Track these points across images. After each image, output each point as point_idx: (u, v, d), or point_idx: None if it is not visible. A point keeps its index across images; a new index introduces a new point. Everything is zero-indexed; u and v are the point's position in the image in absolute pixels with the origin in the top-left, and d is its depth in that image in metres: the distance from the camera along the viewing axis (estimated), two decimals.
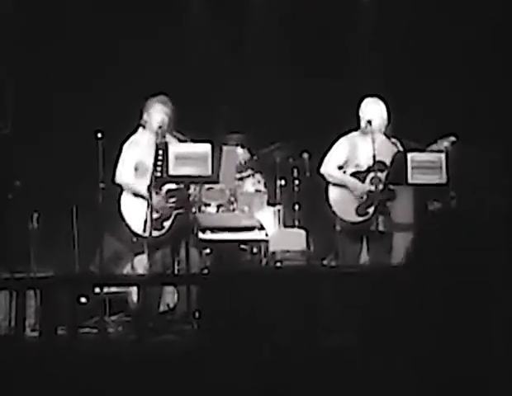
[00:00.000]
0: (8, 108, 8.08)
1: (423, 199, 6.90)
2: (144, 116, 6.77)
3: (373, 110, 6.82)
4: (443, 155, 6.45)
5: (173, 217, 6.69)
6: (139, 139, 6.81)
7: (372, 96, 6.89)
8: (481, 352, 4.79)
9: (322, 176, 6.90)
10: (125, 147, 6.80)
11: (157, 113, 6.72)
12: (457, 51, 8.49)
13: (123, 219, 6.69)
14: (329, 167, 6.87)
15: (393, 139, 6.83)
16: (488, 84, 8.30)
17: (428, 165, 6.38)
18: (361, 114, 6.85)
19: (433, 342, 4.89)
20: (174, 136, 6.74)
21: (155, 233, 6.54)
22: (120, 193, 6.79)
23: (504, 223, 6.00)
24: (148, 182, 6.56)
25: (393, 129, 6.85)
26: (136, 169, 6.73)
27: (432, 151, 6.61)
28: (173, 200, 6.71)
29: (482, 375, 4.61)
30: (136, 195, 6.68)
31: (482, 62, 8.37)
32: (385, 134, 6.81)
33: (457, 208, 7.03)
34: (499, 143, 7.45)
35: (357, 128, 6.90)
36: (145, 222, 6.48)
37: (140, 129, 6.82)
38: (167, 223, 6.68)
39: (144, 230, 6.47)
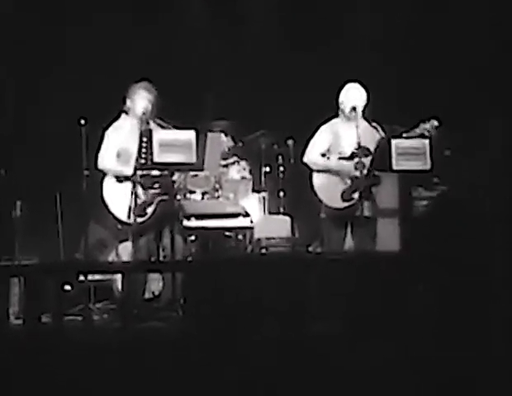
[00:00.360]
0: None
1: (407, 185, 6.85)
2: (128, 103, 6.77)
3: (357, 96, 6.80)
4: (426, 141, 6.44)
5: (155, 203, 6.68)
6: (123, 125, 6.80)
7: (353, 81, 6.88)
8: (467, 338, 5.05)
9: (306, 164, 6.87)
10: (108, 133, 6.78)
11: (141, 99, 6.72)
12: (440, 36, 8.47)
13: (105, 205, 6.68)
14: (312, 155, 6.85)
15: (374, 123, 6.81)
16: (469, 68, 8.31)
17: (412, 151, 6.36)
18: (344, 100, 6.83)
19: (418, 329, 5.18)
20: (157, 123, 6.72)
21: (138, 220, 6.55)
22: (103, 178, 6.76)
23: (494, 212, 6.34)
24: (131, 168, 6.55)
25: (373, 113, 6.83)
26: (119, 155, 6.72)
27: (414, 136, 6.58)
28: (156, 186, 6.69)
29: (468, 358, 4.79)
30: (119, 180, 6.67)
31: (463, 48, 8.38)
32: (365, 119, 6.80)
33: (443, 195, 7.22)
34: (484, 127, 7.49)
35: (337, 114, 6.89)
36: (129, 208, 6.49)
37: (123, 115, 6.81)
38: (150, 210, 6.66)
39: (129, 216, 6.48)
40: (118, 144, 6.72)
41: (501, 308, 5.29)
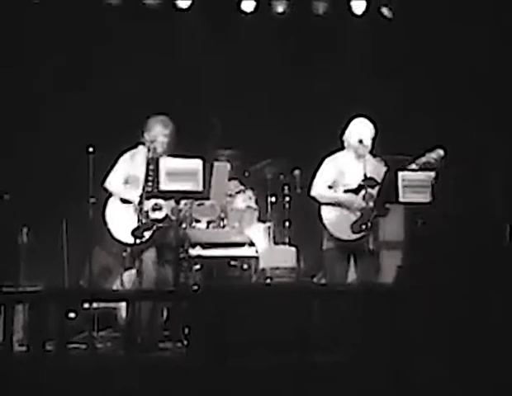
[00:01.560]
0: None
1: (412, 217, 6.86)
2: (146, 136, 6.81)
3: (365, 130, 6.83)
4: (433, 174, 6.44)
5: (153, 229, 6.66)
6: (137, 156, 6.86)
7: (360, 116, 6.88)
8: (473, 365, 5.13)
9: (314, 198, 6.83)
10: (122, 159, 6.86)
11: (158, 135, 6.77)
12: (443, 65, 8.55)
13: (105, 224, 6.68)
14: (319, 188, 6.83)
15: (377, 158, 6.85)
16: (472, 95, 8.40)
17: (418, 184, 6.37)
18: (351, 134, 6.84)
19: (419, 359, 5.21)
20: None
21: (135, 240, 6.55)
22: (108, 198, 6.78)
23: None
24: (137, 194, 6.62)
25: (376, 144, 6.87)
26: (127, 182, 6.77)
27: (421, 169, 6.60)
28: (157, 212, 6.70)
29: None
30: (124, 201, 6.71)
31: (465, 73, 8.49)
32: (370, 154, 6.83)
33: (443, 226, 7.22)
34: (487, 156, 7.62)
35: (342, 147, 6.90)
36: (133, 230, 6.53)
37: (141, 146, 6.86)
38: (147, 234, 6.64)
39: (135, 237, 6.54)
40: (128, 172, 6.78)
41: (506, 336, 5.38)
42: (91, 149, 6.84)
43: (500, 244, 7.19)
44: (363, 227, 6.62)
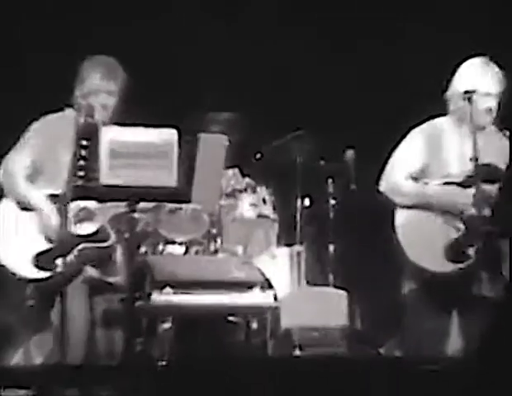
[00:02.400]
0: None
1: None
2: (76, 92, 6.69)
3: (480, 78, 6.63)
4: None
5: (76, 252, 6.44)
6: (58, 123, 6.70)
7: (475, 56, 6.74)
8: None
9: (384, 194, 6.63)
10: (33, 129, 6.72)
11: (98, 90, 6.69)
12: None
13: None
14: (396, 178, 6.60)
15: (505, 131, 6.71)
16: None
17: None
18: (460, 84, 6.64)
19: None
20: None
21: (41, 274, 6.37)
22: None
23: None
24: (54, 190, 6.43)
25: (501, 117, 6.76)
26: (37, 167, 6.57)
27: None
28: (86, 224, 6.53)
29: None
30: (24, 207, 6.56)
31: None
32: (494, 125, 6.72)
33: None
34: None
35: (443, 113, 6.78)
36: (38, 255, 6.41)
37: (68, 111, 6.71)
38: (60, 261, 6.46)
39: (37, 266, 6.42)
40: (40, 151, 6.60)
41: None
42: None
43: None
44: (470, 251, 6.37)
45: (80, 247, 6.42)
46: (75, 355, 6.36)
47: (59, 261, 6.41)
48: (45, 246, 6.38)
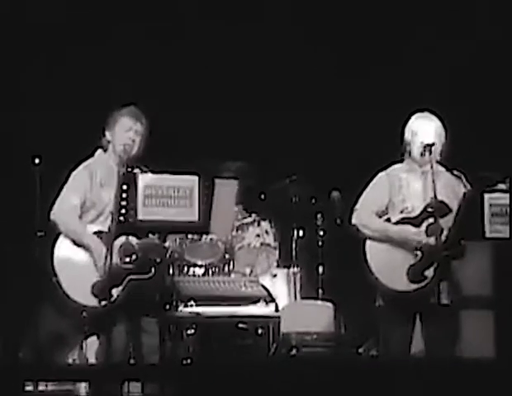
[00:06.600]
0: None
1: (505, 259, 6.84)
2: (107, 135, 6.77)
3: (431, 131, 6.76)
4: None
5: (124, 283, 6.54)
6: (97, 166, 6.77)
7: (422, 111, 6.85)
8: None
9: (355, 227, 6.77)
10: (74, 175, 6.75)
11: (124, 130, 6.74)
12: None
13: (55, 275, 6.53)
14: (363, 215, 6.76)
15: (455, 172, 6.81)
16: None
17: None
18: (411, 137, 6.79)
19: None
20: (141, 169, 6.65)
21: (96, 302, 6.41)
22: (56, 239, 6.62)
23: None
24: (102, 228, 6.52)
25: (450, 158, 6.83)
26: (86, 208, 6.68)
27: None
28: (128, 259, 6.58)
29: None
30: (80, 244, 6.58)
31: None
32: (442, 164, 6.79)
33: None
34: None
35: (400, 159, 6.88)
36: (94, 286, 6.41)
37: (99, 152, 6.81)
38: (115, 291, 6.50)
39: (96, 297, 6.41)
40: (86, 192, 6.68)
41: None
42: (37, 160, 7.02)
43: None
44: (427, 273, 6.57)
45: (127, 278, 6.51)
46: (119, 357, 6.50)
47: (113, 291, 6.42)
48: (97, 278, 6.38)
